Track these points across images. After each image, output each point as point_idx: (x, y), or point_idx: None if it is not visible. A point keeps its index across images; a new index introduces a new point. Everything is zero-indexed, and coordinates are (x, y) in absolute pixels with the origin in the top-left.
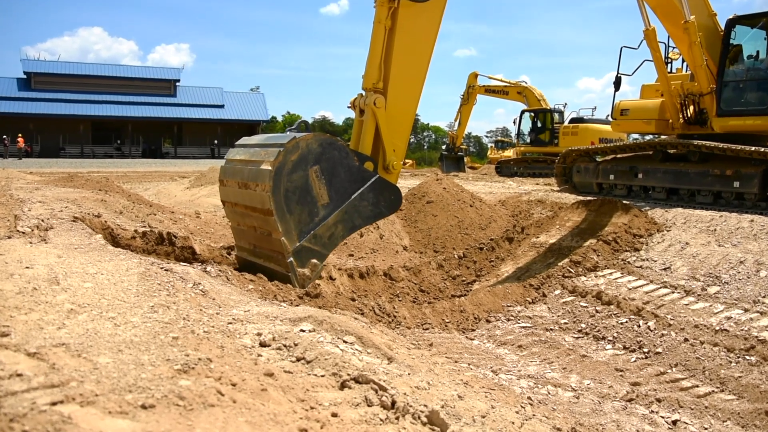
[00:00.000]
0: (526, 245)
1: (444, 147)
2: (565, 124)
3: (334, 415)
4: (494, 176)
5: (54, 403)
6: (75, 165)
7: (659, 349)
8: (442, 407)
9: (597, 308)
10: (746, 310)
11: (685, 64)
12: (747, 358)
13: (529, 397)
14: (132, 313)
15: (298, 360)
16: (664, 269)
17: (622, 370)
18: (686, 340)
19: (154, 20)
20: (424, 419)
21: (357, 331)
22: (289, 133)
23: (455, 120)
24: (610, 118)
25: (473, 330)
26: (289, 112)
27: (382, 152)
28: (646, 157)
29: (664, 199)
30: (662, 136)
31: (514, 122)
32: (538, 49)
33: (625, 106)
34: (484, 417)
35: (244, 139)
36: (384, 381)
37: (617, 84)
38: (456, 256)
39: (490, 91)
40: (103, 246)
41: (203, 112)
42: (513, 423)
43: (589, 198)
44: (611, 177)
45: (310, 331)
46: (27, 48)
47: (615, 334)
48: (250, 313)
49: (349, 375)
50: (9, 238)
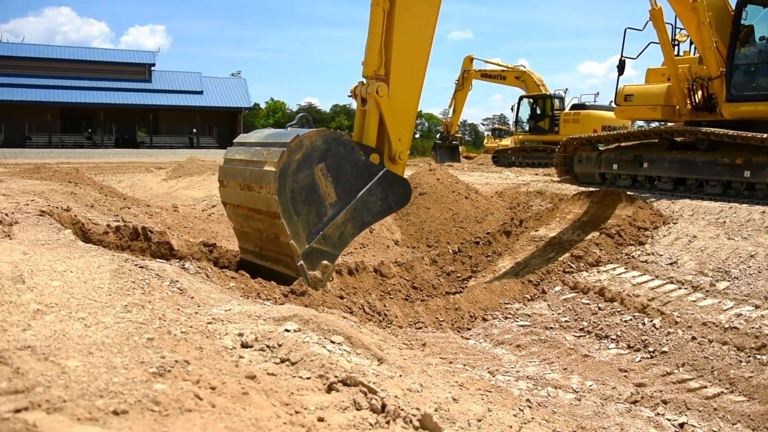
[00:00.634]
0: (524, 239)
1: (438, 135)
2: (566, 110)
3: (321, 419)
4: (491, 166)
5: (18, 410)
6: (42, 156)
7: (665, 349)
8: (436, 410)
9: (599, 305)
10: (757, 307)
11: (693, 46)
12: (758, 357)
13: (527, 400)
14: (104, 313)
15: (282, 361)
16: (671, 264)
17: (626, 371)
18: (694, 338)
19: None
20: (416, 423)
21: (345, 330)
22: (290, 129)
23: (449, 107)
24: (613, 105)
25: (469, 329)
26: (272, 99)
27: (387, 142)
28: (651, 145)
29: (671, 189)
30: (669, 123)
31: (511, 109)
32: (537, 32)
33: (630, 91)
34: (480, 420)
35: (243, 137)
36: (374, 383)
37: (621, 68)
38: (450, 250)
39: (486, 75)
40: (73, 242)
41: (181, 98)
42: (511, 427)
43: (591, 189)
44: (615, 167)
45: (295, 331)
46: None
47: (618, 333)
48: (231, 313)
49: (336, 377)
50: None
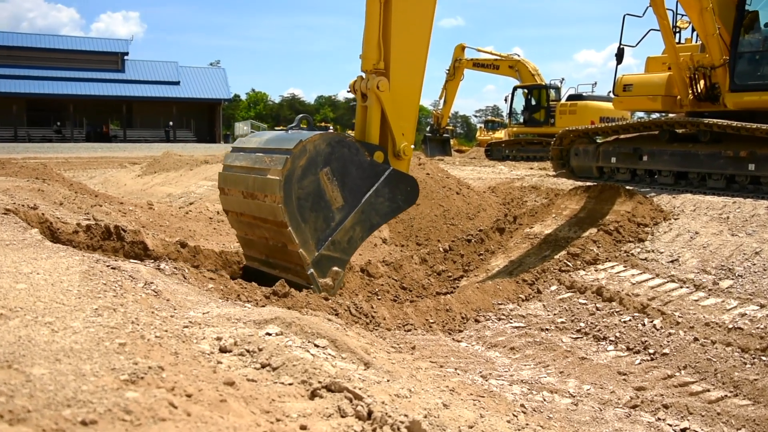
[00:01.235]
0: (518, 236)
1: (428, 128)
2: (563, 101)
3: (303, 427)
4: (484, 160)
5: None
6: (7, 150)
7: (666, 350)
8: (425, 417)
9: (597, 305)
10: (762, 306)
11: (695, 33)
12: (763, 358)
13: (522, 405)
14: (72, 317)
15: (263, 367)
16: (672, 262)
17: (625, 374)
18: (696, 339)
19: None
20: (404, 431)
21: (330, 333)
22: (291, 133)
23: (440, 98)
24: (611, 95)
25: (460, 331)
26: (253, 90)
27: (391, 138)
28: (651, 137)
29: (672, 184)
30: (670, 115)
31: (505, 100)
32: (532, 18)
33: (629, 81)
34: (471, 427)
35: (242, 141)
36: (360, 389)
37: (620, 56)
38: (441, 249)
39: (478, 65)
40: (40, 242)
41: (156, 89)
42: None
43: (588, 183)
44: (613, 160)
45: (277, 335)
46: None
47: (617, 334)
48: (210, 316)
49: (320, 383)
50: None
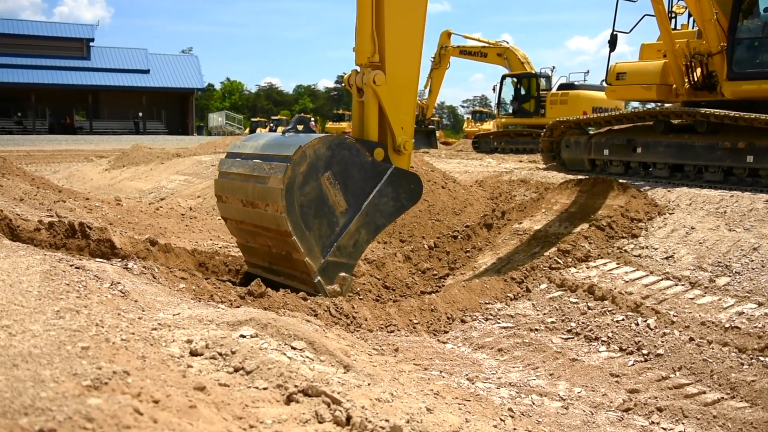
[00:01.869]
0: (507, 232)
1: None
2: (553, 91)
3: None
4: (471, 152)
5: None
6: None
7: (660, 351)
8: (407, 422)
9: (589, 304)
10: (760, 304)
11: (691, 18)
12: (761, 359)
13: (510, 409)
14: (32, 319)
15: (236, 370)
16: (666, 258)
17: (617, 376)
18: (691, 339)
19: None
20: None
21: (308, 335)
22: (288, 135)
23: (425, 87)
24: (604, 84)
25: (446, 332)
26: (228, 79)
27: (390, 133)
28: (645, 128)
29: (667, 177)
30: (665, 104)
31: (493, 89)
32: (522, 4)
33: (622, 69)
34: None
35: (236, 146)
36: (338, 393)
37: (613, 43)
38: (426, 246)
39: (465, 52)
40: None
41: (124, 78)
42: None
43: (580, 177)
44: (605, 152)
45: (251, 337)
46: None
47: (610, 334)
48: (180, 317)
49: (296, 387)
50: None
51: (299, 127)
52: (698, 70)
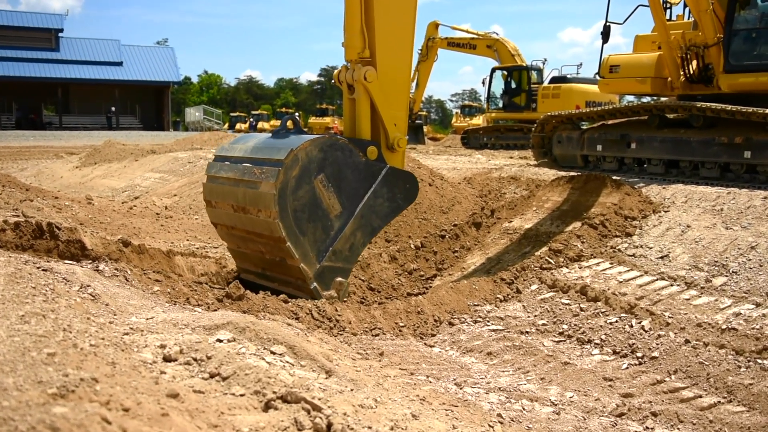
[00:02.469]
0: (496, 231)
1: None
2: (545, 84)
3: None
4: (460, 148)
5: None
6: None
7: (655, 354)
8: (391, 429)
9: (581, 306)
10: (758, 305)
11: (687, 9)
12: (759, 361)
13: (499, 414)
14: None
15: (212, 376)
16: (661, 258)
17: (611, 380)
18: (687, 341)
19: None
20: None
21: (288, 339)
22: (278, 138)
23: (412, 81)
24: (597, 77)
25: (433, 335)
26: (206, 72)
27: (383, 130)
28: (640, 123)
29: (662, 173)
30: (660, 98)
31: (483, 83)
32: None
33: (615, 61)
34: None
35: (224, 149)
36: (319, 399)
37: (606, 35)
38: (412, 246)
39: (454, 44)
40: None
41: (96, 71)
42: None
43: (572, 174)
44: (599, 148)
45: (228, 341)
46: None
47: (603, 337)
48: (154, 321)
49: (275, 393)
50: None
51: (289, 126)
52: (694, 63)
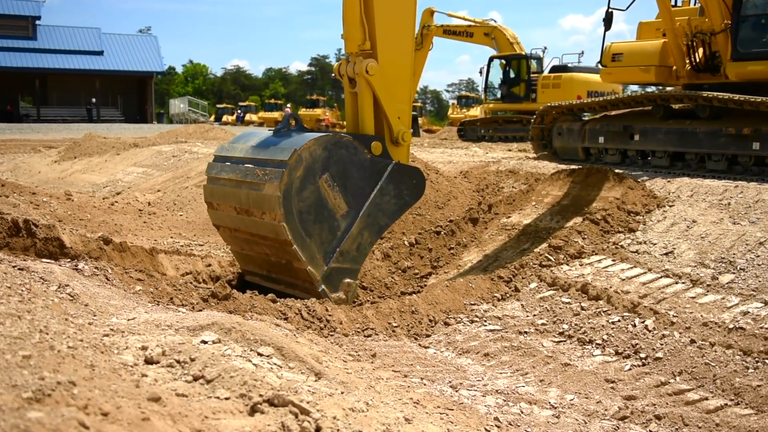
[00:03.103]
0: (494, 227)
1: None
2: (545, 73)
3: None
4: (456, 141)
5: None
6: None
7: (659, 354)
8: None
9: (582, 304)
10: (767, 303)
11: None
12: None
13: (496, 418)
14: None
15: (196, 379)
16: (666, 254)
17: (613, 381)
18: (693, 341)
19: None
20: None
21: (276, 340)
22: (280, 136)
23: None
24: (599, 66)
25: (428, 335)
26: (191, 61)
27: (387, 124)
28: (644, 113)
29: (667, 166)
30: (665, 88)
31: (480, 72)
32: None
33: (618, 49)
34: None
35: (224, 148)
36: (308, 402)
37: (608, 21)
38: (406, 242)
39: (450, 32)
40: None
41: (75, 60)
42: None
43: (573, 167)
44: (601, 140)
45: (213, 343)
46: None
47: (605, 337)
48: (136, 322)
49: (262, 396)
50: None
51: (291, 123)
52: (700, 51)
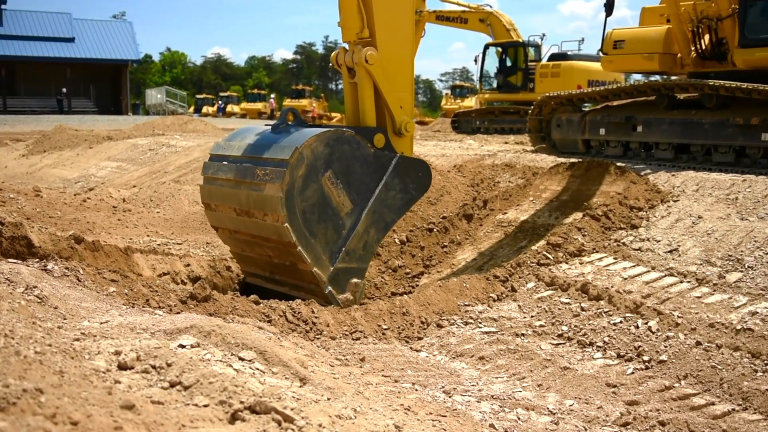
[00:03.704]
0: (489, 224)
1: None
2: (543, 62)
3: None
4: (450, 133)
5: None
6: None
7: (663, 357)
8: None
9: (582, 305)
10: None
11: None
12: None
13: (491, 425)
14: None
15: (172, 386)
16: (670, 252)
17: (615, 386)
18: (698, 343)
19: None
20: None
21: (259, 344)
22: (279, 133)
23: None
24: (600, 54)
25: (420, 338)
26: (169, 49)
27: (389, 114)
28: (647, 104)
29: (671, 159)
30: (669, 76)
31: (475, 61)
32: None
33: (620, 36)
34: None
35: (220, 147)
36: (292, 410)
37: (609, 7)
38: (397, 240)
39: (443, 18)
40: None
41: (44, 47)
42: None
43: (572, 160)
44: (602, 131)
45: (192, 347)
46: None
47: (606, 339)
48: (109, 326)
49: (243, 403)
50: None
51: (290, 118)
52: (706, 37)
